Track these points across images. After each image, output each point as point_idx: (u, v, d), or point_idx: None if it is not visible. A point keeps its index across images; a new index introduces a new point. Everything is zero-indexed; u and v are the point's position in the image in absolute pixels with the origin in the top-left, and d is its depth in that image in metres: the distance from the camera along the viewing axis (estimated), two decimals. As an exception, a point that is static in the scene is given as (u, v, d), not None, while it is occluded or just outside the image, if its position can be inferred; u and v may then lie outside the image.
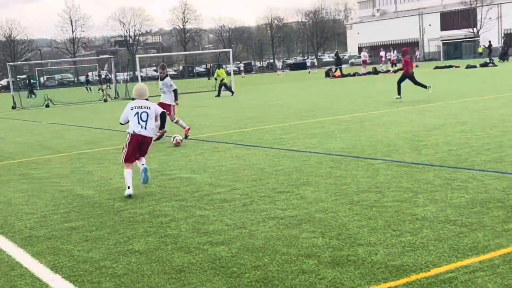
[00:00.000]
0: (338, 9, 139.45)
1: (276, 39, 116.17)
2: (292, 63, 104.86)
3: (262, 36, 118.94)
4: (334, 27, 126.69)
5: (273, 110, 20.58)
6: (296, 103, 23.31)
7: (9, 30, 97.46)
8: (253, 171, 9.54)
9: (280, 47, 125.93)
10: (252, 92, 35.31)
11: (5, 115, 29.67)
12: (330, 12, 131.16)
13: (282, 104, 23.06)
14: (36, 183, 9.93)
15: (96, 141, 15.43)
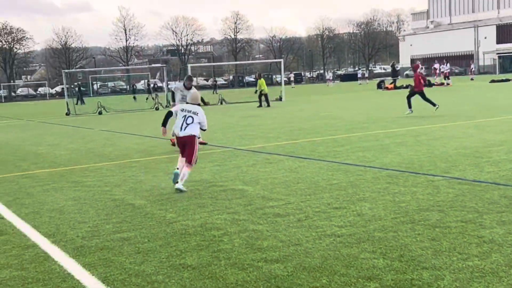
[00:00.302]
0: (390, 21, 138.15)
1: (327, 49, 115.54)
2: (343, 74, 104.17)
3: (312, 47, 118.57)
4: (386, 38, 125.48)
5: (324, 122, 20.28)
6: (348, 114, 22.94)
7: (65, 38, 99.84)
8: (306, 184, 9.29)
9: (331, 57, 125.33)
10: (302, 102, 35.04)
11: (59, 121, 30.22)
12: (382, 24, 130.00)
13: (334, 116, 22.74)
14: (88, 191, 9.91)
15: (147, 149, 15.45)
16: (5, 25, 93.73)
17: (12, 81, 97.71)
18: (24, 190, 10.38)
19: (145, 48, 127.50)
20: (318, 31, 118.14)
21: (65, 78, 39.85)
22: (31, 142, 19.36)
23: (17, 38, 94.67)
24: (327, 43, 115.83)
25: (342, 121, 20.24)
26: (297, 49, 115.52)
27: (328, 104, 31.72)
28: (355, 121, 19.90)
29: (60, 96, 76.19)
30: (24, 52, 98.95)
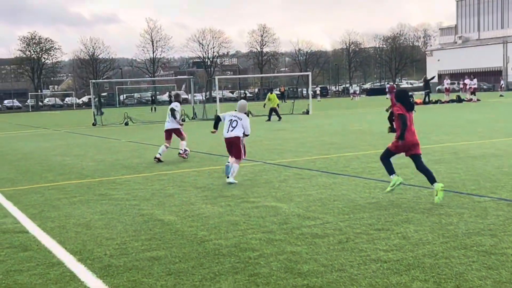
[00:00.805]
0: (417, 36, 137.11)
1: (353, 63, 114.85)
2: (369, 88, 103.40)
3: (338, 61, 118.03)
4: (413, 53, 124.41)
5: (355, 136, 19.78)
6: (379, 129, 22.38)
7: (92, 48, 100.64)
8: (343, 202, 8.83)
9: (357, 71, 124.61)
10: (329, 116, 34.53)
11: (86, 132, 30.11)
12: (408, 38, 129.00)
13: (364, 130, 22.22)
14: (116, 205, 9.56)
15: (175, 162, 15.10)
16: (33, 35, 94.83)
17: (40, 90, 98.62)
18: (50, 203, 10.08)
19: (171, 60, 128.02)
20: (344, 45, 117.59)
21: (92, 88, 39.85)
22: (57, 152, 19.16)
23: (45, 48, 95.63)
24: (353, 57, 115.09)
25: (373, 135, 19.72)
26: (323, 63, 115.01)
27: (356, 118, 31.18)
28: (387, 136, 19.30)
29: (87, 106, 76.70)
30: (52, 62, 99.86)
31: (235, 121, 11.61)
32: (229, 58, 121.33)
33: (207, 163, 14.53)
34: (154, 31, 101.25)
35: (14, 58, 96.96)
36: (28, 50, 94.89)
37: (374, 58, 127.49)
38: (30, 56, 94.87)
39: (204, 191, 10.46)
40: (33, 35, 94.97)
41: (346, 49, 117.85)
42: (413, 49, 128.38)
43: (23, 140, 25.86)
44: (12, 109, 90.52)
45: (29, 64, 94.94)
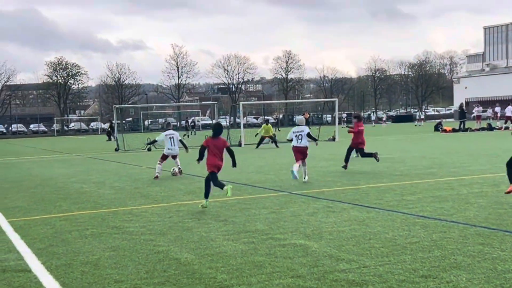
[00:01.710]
0: (443, 63, 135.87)
1: (379, 90, 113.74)
2: (395, 115, 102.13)
3: (363, 87, 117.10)
4: (439, 80, 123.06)
5: (385, 165, 18.81)
6: (410, 158, 21.39)
7: (118, 74, 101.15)
8: (381, 242, 7.90)
9: (382, 98, 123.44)
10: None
11: (108, 157, 29.53)
12: (434, 66, 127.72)
13: (395, 159, 21.22)
14: (129, 240, 8.75)
15: (196, 191, 14.29)
16: (60, 60, 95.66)
17: (66, 115, 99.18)
18: (60, 236, 9.30)
19: (196, 86, 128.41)
20: (369, 71, 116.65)
21: (115, 113, 39.42)
22: (76, 179, 18.50)
23: (71, 73, 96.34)
24: (379, 84, 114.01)
25: (405, 165, 18.72)
26: (348, 89, 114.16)
27: (385, 146, 30.14)
28: (419, 165, 18.35)
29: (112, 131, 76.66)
30: (78, 87, 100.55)
31: (300, 134, 15.62)
32: (253, 84, 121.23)
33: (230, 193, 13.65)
34: (179, 57, 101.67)
35: (41, 83, 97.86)
36: (55, 75, 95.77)
37: (400, 85, 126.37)
38: (56, 81, 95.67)
39: (226, 225, 9.62)
40: (60, 60, 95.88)
41: (372, 76, 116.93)
42: (439, 76, 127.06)
43: (43, 165, 25.32)
44: (38, 133, 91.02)
45: (56, 89, 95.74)
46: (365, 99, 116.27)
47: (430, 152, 23.93)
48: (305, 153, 15.52)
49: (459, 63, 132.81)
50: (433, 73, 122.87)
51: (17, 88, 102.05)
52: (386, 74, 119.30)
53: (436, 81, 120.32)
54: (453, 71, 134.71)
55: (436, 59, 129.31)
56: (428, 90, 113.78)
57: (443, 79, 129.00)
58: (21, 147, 49.38)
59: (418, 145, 29.87)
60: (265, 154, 25.59)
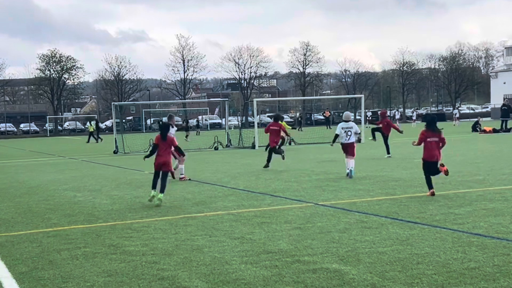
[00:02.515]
0: (477, 56, 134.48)
1: (407, 86, 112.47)
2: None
3: (390, 82, 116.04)
4: (473, 75, 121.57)
5: (421, 171, 18.02)
6: (451, 162, 20.56)
7: (118, 68, 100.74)
8: (432, 267, 7.20)
9: (410, 95, 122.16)
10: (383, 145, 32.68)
11: (105, 161, 28.99)
12: (468, 59, 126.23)
13: (432, 164, 20.42)
14: (128, 262, 8.11)
15: (206, 201, 13.65)
16: (54, 52, 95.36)
17: (60, 113, 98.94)
18: (47, 256, 8.69)
19: (204, 81, 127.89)
20: (396, 65, 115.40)
21: (114, 111, 38.85)
22: (69, 186, 17.92)
23: (66, 67, 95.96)
24: (407, 79, 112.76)
25: (445, 171, 17.94)
26: (372, 85, 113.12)
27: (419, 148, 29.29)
28: (463, 171, 17.61)
29: (111, 131, 76.22)
30: (74, 82, 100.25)
31: (349, 131, 17.72)
32: (267, 79, 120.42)
33: (246, 203, 13.03)
34: (185, 49, 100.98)
35: (33, 78, 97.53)
36: (48, 69, 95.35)
37: (430, 80, 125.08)
38: (50, 76, 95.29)
39: (242, 244, 8.96)
40: (54, 53, 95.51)
41: (398, 70, 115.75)
42: (473, 70, 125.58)
43: (33, 170, 24.81)
44: (29, 133, 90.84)
45: (49, 85, 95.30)
46: (391, 96, 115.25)
47: (472, 156, 23.15)
48: (353, 148, 17.50)
49: (496, 56, 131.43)
50: (467, 67, 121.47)
51: (6, 83, 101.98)
52: (414, 68, 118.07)
53: (470, 76, 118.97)
54: (489, 64, 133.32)
55: (470, 51, 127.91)
56: (462, 85, 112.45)
57: (477, 73, 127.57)
58: (8, 149, 49.02)
59: (457, 147, 29.05)
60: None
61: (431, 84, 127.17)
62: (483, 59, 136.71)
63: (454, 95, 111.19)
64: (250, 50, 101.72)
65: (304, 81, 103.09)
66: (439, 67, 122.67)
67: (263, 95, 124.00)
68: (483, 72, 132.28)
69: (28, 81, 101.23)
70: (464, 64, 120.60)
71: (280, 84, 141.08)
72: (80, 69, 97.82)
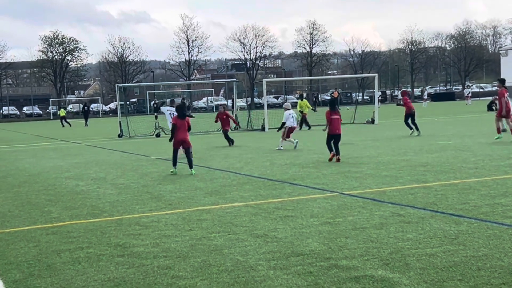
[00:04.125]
0: (485, 34, 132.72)
1: (416, 65, 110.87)
2: (434, 93, 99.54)
3: (398, 62, 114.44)
4: (481, 53, 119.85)
5: (450, 154, 16.96)
6: (476, 145, 19.47)
7: (121, 49, 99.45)
8: (497, 274, 6.12)
9: (418, 74, 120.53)
10: (400, 126, 31.50)
11: (110, 145, 27.92)
12: (476, 37, 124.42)
13: (457, 146, 19.31)
14: (138, 267, 7.06)
15: (220, 190, 12.57)
16: (56, 34, 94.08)
17: (64, 96, 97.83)
18: (45, 259, 7.65)
19: (208, 63, 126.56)
20: (404, 44, 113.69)
21: (118, 93, 37.75)
22: (71, 174, 16.87)
23: (69, 49, 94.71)
24: (416, 58, 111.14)
25: (474, 154, 16.84)
26: (380, 64, 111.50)
27: (436, 129, 28.20)
28: (493, 154, 16.48)
29: (114, 113, 75.07)
30: (77, 64, 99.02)
31: (293, 117, 21.81)
32: (273, 59, 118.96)
33: (264, 193, 11.94)
34: (190, 29, 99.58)
35: (36, 61, 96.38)
36: (51, 51, 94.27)
37: (438, 58, 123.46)
38: (52, 58, 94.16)
39: (267, 243, 7.89)
40: (56, 34, 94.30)
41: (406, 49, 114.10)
42: (481, 48, 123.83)
43: (34, 155, 23.76)
44: (32, 116, 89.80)
45: (52, 67, 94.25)
46: (399, 75, 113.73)
47: (492, 137, 21.94)
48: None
49: (504, 34, 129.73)
50: (474, 46, 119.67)
51: (9, 66, 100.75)
52: (422, 47, 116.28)
53: (479, 54, 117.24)
54: (497, 42, 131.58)
55: (478, 29, 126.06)
56: (472, 64, 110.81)
57: (486, 51, 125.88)
58: (10, 133, 48.04)
59: (477, 128, 27.87)
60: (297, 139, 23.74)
61: (440, 63, 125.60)
62: (491, 37, 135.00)
63: (464, 74, 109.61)
64: (255, 29, 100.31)
65: (311, 61, 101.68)
66: (446, 45, 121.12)
67: (269, 75, 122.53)
68: (491, 50, 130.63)
69: (31, 64, 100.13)
70: (472, 42, 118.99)
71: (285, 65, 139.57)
72: (83, 50, 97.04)
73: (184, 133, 15.53)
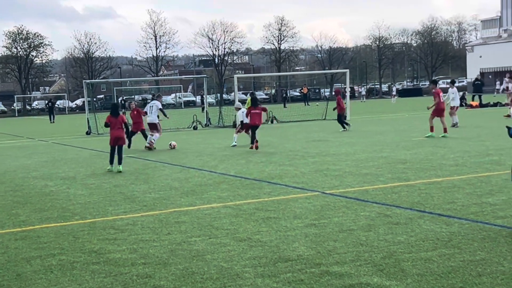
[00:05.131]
0: (450, 30, 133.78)
1: (383, 61, 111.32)
2: (401, 89, 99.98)
3: (366, 58, 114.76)
4: (447, 49, 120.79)
5: (428, 151, 16.72)
6: (453, 141, 19.28)
7: (87, 45, 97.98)
8: (501, 281, 5.81)
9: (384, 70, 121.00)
10: (373, 122, 31.37)
11: (78, 143, 27.20)
12: (441, 33, 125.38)
13: (434, 142, 19.09)
14: (115, 276, 6.58)
15: (196, 190, 12.11)
16: (20, 29, 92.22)
17: (28, 92, 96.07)
18: (14, 267, 7.14)
19: (175, 58, 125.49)
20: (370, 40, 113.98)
21: (86, 89, 36.94)
22: (39, 173, 16.23)
23: (33, 44, 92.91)
24: (384, 54, 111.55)
25: (452, 150, 16.63)
26: (348, 60, 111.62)
27: (409, 125, 28.02)
28: (471, 151, 16.28)
29: (81, 110, 73.89)
30: (42, 60, 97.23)
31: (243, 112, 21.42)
32: (242, 55, 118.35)
33: (243, 193, 11.51)
34: (157, 25, 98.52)
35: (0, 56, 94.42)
36: (15, 47, 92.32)
37: (404, 54, 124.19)
38: (16, 54, 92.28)
39: (252, 248, 7.47)
40: (20, 30, 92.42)
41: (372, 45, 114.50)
42: (446, 44, 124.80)
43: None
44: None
45: (16, 63, 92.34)
46: (367, 71, 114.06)
47: (472, 133, 21.83)
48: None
49: (468, 30, 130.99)
50: (440, 41, 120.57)
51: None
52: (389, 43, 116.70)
53: (445, 50, 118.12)
54: (462, 38, 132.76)
55: (443, 25, 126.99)
56: (438, 60, 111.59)
57: (451, 47, 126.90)
58: (-25, 130, 46.81)
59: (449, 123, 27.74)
60: (269, 137, 23.39)
61: (406, 59, 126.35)
62: (456, 33, 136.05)
63: (431, 70, 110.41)
64: (223, 25, 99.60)
65: (279, 57, 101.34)
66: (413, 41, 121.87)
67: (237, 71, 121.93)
68: (456, 46, 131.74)
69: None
70: (438, 38, 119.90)
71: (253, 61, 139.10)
72: (48, 46, 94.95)
73: (118, 131, 15.90)
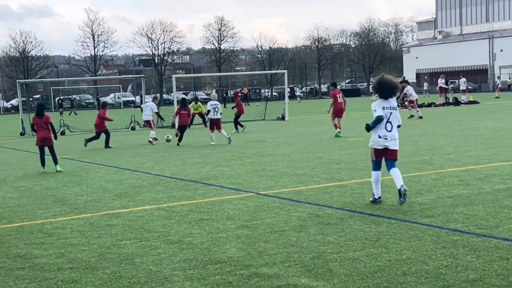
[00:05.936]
0: (387, 31, 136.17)
1: (323, 61, 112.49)
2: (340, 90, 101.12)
3: (305, 58, 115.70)
4: (384, 50, 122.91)
5: (361, 151, 16.94)
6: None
7: (23, 44, 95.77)
8: (424, 280, 5.90)
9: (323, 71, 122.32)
10: (311, 123, 31.62)
11: (11, 144, 26.54)
12: (378, 34, 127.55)
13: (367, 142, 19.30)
14: (40, 281, 6.43)
15: (130, 192, 11.96)
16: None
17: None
18: None
19: (114, 58, 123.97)
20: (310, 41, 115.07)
21: (20, 89, 36.10)
22: (-32, 175, 15.75)
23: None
24: (323, 55, 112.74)
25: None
26: (288, 61, 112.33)
27: (344, 126, 28.29)
28: (404, 151, 16.51)
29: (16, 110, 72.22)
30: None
31: (216, 107, 21.28)
32: (182, 55, 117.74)
33: (177, 194, 11.43)
34: (95, 24, 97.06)
35: None
36: None
37: (343, 55, 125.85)
38: None
39: (182, 250, 7.41)
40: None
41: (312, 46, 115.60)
42: (384, 45, 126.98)
43: None
44: None
45: None
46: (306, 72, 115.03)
47: (405, 133, 22.20)
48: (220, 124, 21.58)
49: (405, 31, 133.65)
50: (378, 43, 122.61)
51: None
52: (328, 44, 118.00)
53: (382, 51, 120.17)
54: (398, 40, 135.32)
55: (380, 27, 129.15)
56: (376, 61, 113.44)
57: (389, 48, 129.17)
58: None
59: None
60: (204, 138, 23.29)
61: (345, 60, 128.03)
62: (393, 35, 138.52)
63: (368, 71, 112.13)
64: (163, 24, 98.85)
65: (219, 57, 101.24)
66: (351, 43, 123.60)
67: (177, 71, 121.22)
68: (393, 47, 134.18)
69: None
70: (375, 40, 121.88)
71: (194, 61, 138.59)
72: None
73: (44, 132, 15.71)
